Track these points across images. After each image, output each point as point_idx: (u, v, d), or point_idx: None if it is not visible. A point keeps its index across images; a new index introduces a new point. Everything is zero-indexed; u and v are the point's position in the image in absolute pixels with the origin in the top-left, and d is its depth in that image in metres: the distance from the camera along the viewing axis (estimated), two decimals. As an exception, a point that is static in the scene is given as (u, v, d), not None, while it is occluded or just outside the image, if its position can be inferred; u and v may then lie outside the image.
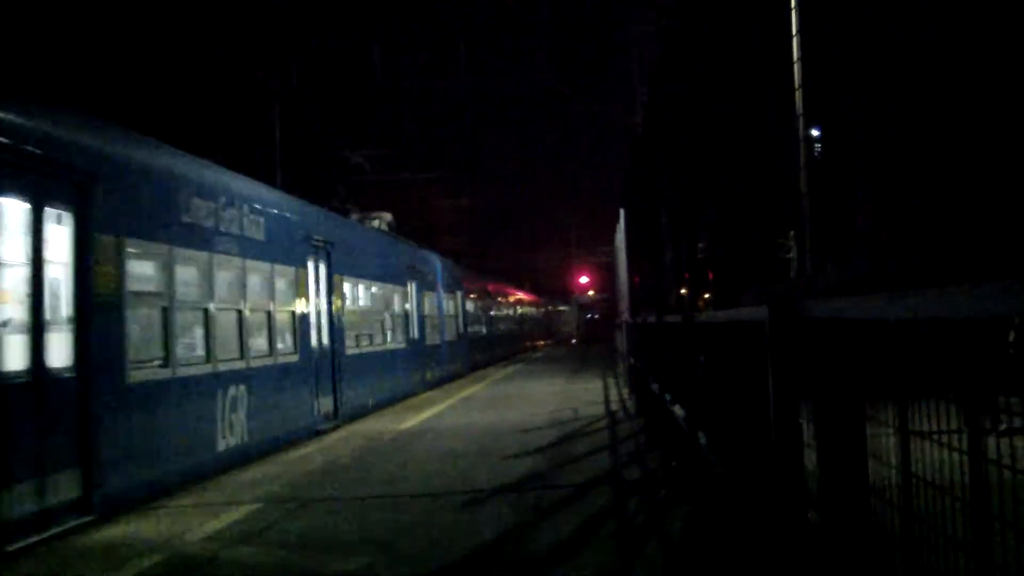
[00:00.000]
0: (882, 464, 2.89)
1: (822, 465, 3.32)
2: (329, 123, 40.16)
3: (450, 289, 32.59)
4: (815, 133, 3.85)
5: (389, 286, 23.35)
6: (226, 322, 12.86)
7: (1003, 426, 2.28)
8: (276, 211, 15.40)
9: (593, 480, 10.23)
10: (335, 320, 17.83)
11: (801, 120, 3.86)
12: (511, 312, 53.35)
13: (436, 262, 30.65)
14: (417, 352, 25.58)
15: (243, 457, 12.67)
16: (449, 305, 32.22)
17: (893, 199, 3.09)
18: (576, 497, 9.29)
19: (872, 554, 3.07)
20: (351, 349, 19.00)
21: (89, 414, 9.19)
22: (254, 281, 13.97)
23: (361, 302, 20.87)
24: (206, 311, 12.22)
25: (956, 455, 2.32)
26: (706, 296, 7.24)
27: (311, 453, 13.64)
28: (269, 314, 14.44)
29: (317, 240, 17.11)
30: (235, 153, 26.30)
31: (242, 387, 12.95)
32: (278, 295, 14.87)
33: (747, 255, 5.19)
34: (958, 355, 2.27)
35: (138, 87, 30.78)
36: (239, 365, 13.05)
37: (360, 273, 20.51)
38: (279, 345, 14.87)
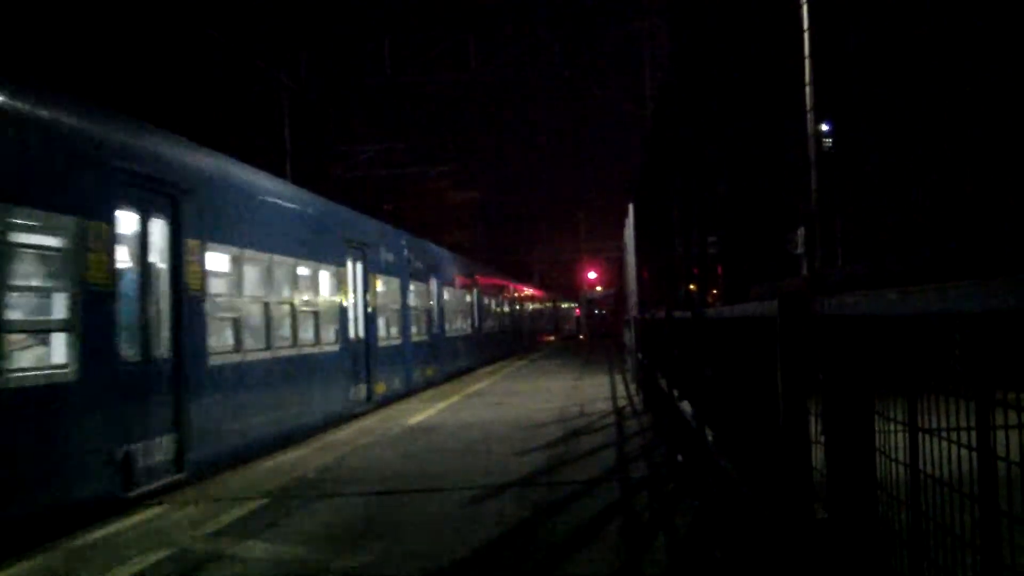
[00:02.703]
0: (891, 460, 2.88)
1: (830, 461, 3.32)
2: (339, 117, 40.18)
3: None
4: (825, 128, 3.84)
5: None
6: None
7: None
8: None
9: (600, 476, 10.23)
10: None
11: (811, 116, 3.85)
12: (520, 308, 53.07)
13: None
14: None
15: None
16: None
17: (903, 194, 3.08)
18: (583, 493, 9.29)
19: (880, 551, 3.06)
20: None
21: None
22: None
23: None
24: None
25: (965, 451, 2.32)
26: (715, 292, 7.23)
27: (326, 446, 13.67)
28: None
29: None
30: (245, 145, 26.31)
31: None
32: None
33: (757, 250, 5.19)
34: (969, 350, 2.27)
35: (148, 79, 30.82)
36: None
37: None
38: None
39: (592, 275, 78.91)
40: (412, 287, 24.84)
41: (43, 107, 9.29)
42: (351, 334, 18.43)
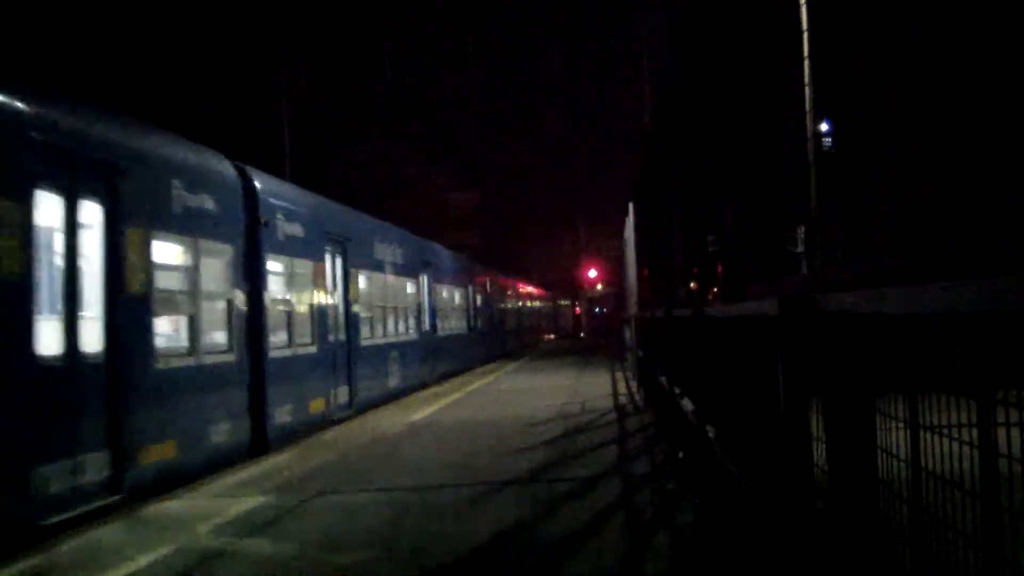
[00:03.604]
0: (892, 457, 2.90)
1: (831, 458, 3.34)
2: (339, 118, 40.21)
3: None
4: (824, 128, 3.86)
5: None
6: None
7: None
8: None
9: (602, 473, 10.24)
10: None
11: (810, 116, 3.87)
12: (519, 306, 52.84)
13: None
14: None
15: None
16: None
17: (903, 193, 3.10)
18: (585, 490, 9.30)
19: (881, 547, 3.08)
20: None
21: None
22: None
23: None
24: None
25: (967, 448, 2.34)
26: (715, 290, 7.25)
27: (327, 443, 13.68)
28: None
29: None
30: (246, 146, 26.33)
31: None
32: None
33: (757, 249, 5.21)
34: (969, 349, 2.29)
35: (148, 81, 30.83)
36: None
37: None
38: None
39: (592, 273, 78.90)
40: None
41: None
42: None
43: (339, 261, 18.12)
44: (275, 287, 14.63)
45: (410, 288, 24.80)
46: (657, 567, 6.67)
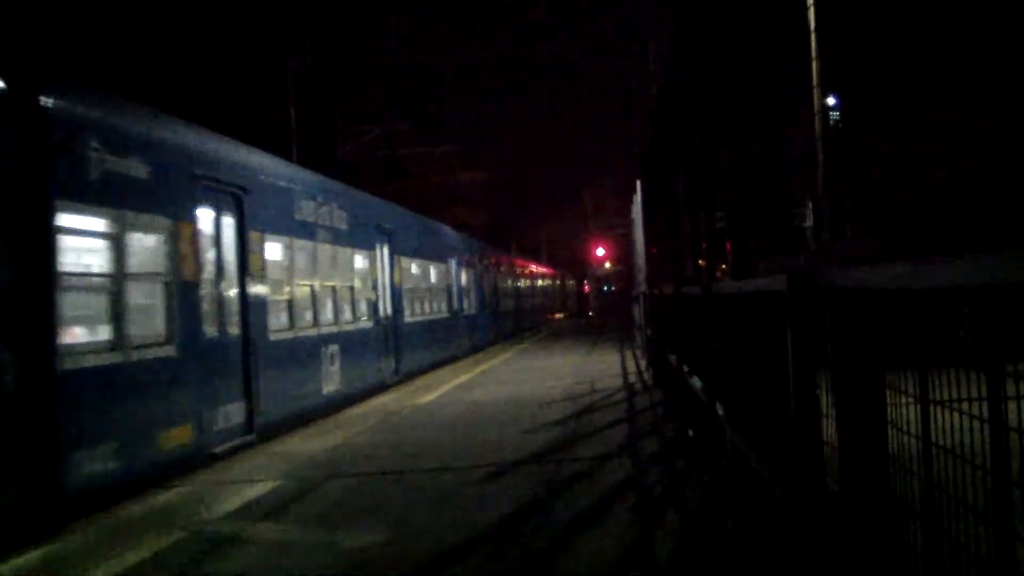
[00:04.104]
0: (903, 432, 2.89)
1: (842, 434, 3.32)
2: (344, 97, 40.14)
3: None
4: (831, 102, 3.83)
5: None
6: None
7: None
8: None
9: (611, 452, 10.25)
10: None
11: (817, 90, 3.84)
12: (530, 285, 52.62)
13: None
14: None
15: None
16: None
17: (911, 167, 3.07)
18: (595, 469, 9.31)
19: (892, 523, 3.07)
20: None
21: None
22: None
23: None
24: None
25: (977, 423, 2.32)
26: (723, 267, 7.23)
27: (336, 426, 13.71)
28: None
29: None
30: (250, 127, 26.31)
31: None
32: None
33: (765, 225, 5.18)
34: (979, 323, 2.27)
35: (151, 63, 30.78)
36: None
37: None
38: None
39: (600, 251, 78.82)
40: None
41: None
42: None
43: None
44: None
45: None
46: (668, 546, 6.68)
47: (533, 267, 58.10)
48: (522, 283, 50.51)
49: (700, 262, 8.42)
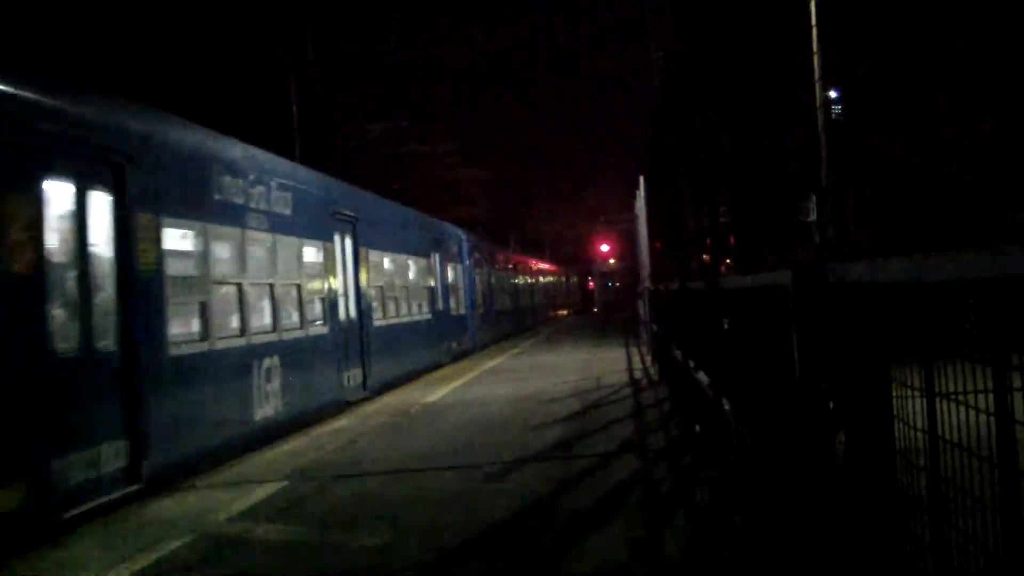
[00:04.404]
0: (908, 426, 2.89)
1: (848, 428, 3.32)
2: (345, 95, 40.12)
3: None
4: (833, 95, 3.83)
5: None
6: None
7: None
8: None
9: (618, 448, 10.25)
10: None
11: (819, 85, 3.84)
12: (531, 282, 51.46)
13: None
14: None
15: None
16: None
17: (914, 162, 3.08)
18: (602, 466, 9.31)
19: (900, 516, 3.07)
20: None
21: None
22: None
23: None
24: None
25: (983, 416, 2.32)
26: (727, 261, 7.23)
27: (343, 427, 13.72)
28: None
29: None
30: (252, 125, 26.31)
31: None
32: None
33: (769, 220, 5.18)
34: (984, 316, 2.27)
35: (153, 60, 30.79)
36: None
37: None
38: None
39: (604, 247, 78.79)
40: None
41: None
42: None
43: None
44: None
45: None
46: (675, 543, 6.68)
47: (534, 263, 57.00)
48: (522, 280, 48.34)
49: (704, 257, 8.43)
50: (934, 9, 2.76)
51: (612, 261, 78.13)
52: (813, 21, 3.78)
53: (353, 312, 17.36)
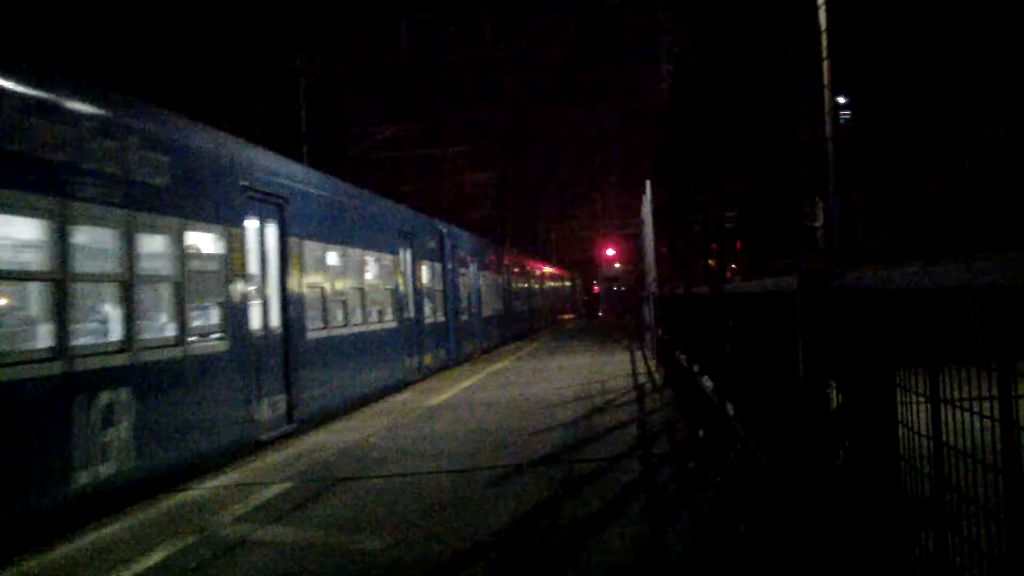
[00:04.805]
0: (912, 432, 2.89)
1: (852, 433, 3.32)
2: (355, 98, 40.16)
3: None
4: (841, 101, 3.83)
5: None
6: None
7: None
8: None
9: (623, 453, 10.24)
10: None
11: (828, 90, 3.84)
12: (530, 286, 49.02)
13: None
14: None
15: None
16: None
17: (922, 167, 3.07)
18: (606, 470, 9.31)
19: (903, 522, 3.07)
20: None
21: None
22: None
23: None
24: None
25: (988, 422, 2.32)
26: (733, 267, 7.23)
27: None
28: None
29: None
30: (263, 129, 26.35)
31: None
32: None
33: (775, 225, 5.18)
34: (990, 322, 2.27)
35: (164, 64, 30.86)
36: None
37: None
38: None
39: (610, 252, 78.75)
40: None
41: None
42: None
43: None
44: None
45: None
46: (680, 548, 6.67)
47: (534, 263, 53.66)
48: (519, 282, 44.37)
49: (710, 262, 8.42)
50: (944, 14, 2.76)
51: (618, 265, 78.09)
52: (823, 26, 3.78)
53: (275, 321, 13.62)
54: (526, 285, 46.20)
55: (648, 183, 19.75)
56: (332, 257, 16.51)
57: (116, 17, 30.01)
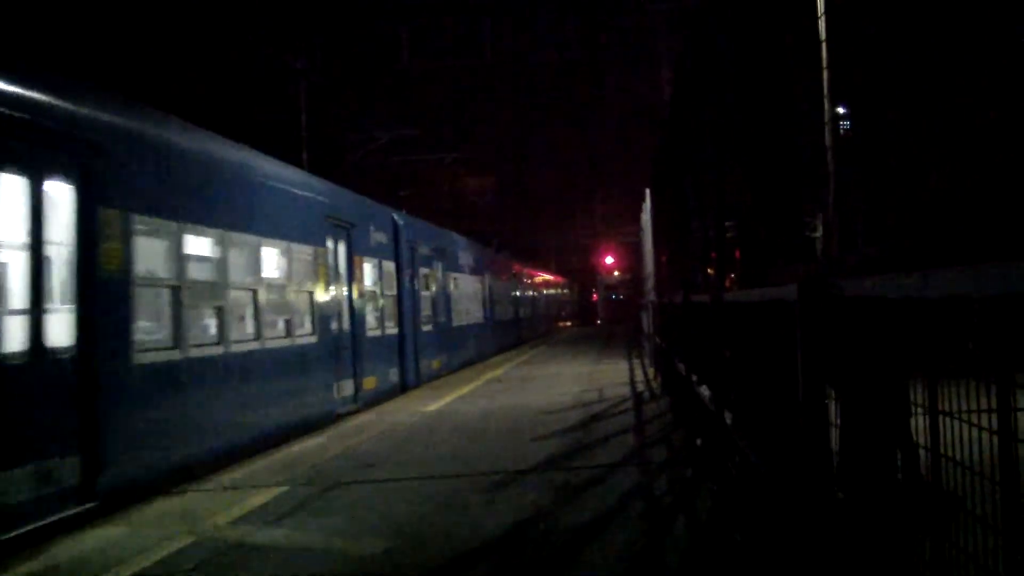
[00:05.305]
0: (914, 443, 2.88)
1: (850, 444, 3.32)
2: (353, 103, 40.21)
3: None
4: (841, 111, 3.84)
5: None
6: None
7: None
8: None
9: (620, 460, 10.24)
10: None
11: (827, 100, 3.84)
12: (520, 293, 46.50)
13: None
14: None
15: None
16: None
17: (921, 176, 3.07)
18: (603, 477, 9.30)
19: (900, 533, 3.07)
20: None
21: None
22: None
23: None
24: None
25: (986, 434, 2.32)
26: (732, 275, 7.22)
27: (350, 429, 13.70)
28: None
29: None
30: (259, 134, 26.37)
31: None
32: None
33: (775, 234, 5.18)
34: (989, 333, 2.27)
35: (162, 67, 30.88)
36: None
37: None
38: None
39: (609, 260, 78.82)
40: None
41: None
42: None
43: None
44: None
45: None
46: (676, 555, 6.67)
47: (527, 268, 50.39)
48: (510, 288, 41.17)
49: (709, 270, 8.42)
50: (943, 22, 2.76)
51: (616, 273, 78.16)
52: (823, 36, 3.79)
53: (93, 336, 8.91)
54: (516, 292, 43.06)
55: (648, 191, 19.76)
56: (206, 247, 11.68)
57: (116, 17, 30.05)
